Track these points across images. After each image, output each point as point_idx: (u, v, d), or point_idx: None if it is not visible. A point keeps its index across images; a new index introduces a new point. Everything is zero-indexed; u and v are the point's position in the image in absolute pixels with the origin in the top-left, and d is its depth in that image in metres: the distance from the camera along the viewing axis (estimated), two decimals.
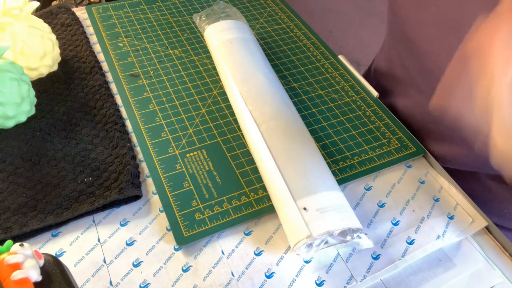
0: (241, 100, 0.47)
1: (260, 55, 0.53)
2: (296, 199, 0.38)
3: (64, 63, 0.54)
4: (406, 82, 0.52)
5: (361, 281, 0.38)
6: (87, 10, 0.64)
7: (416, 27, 0.46)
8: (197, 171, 0.44)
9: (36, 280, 0.26)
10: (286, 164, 0.41)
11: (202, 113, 0.50)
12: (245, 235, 0.41)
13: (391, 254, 0.40)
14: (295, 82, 0.56)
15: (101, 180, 0.42)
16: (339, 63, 0.59)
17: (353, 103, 0.53)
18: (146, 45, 0.59)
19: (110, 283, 0.36)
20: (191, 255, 0.39)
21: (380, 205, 0.44)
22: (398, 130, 0.51)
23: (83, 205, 0.40)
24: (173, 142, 0.47)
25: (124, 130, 0.47)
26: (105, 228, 0.40)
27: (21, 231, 0.37)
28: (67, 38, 0.58)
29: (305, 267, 0.39)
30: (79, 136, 0.46)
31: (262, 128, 0.44)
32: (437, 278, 0.39)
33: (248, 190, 0.43)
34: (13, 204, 0.40)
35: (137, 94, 0.52)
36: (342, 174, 0.45)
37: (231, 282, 0.37)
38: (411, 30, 0.46)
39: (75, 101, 0.50)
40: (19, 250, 0.26)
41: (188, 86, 0.53)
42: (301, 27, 0.65)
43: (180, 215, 0.40)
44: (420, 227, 0.42)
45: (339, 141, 0.49)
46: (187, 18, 0.64)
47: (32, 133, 0.46)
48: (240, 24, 0.56)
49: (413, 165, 0.48)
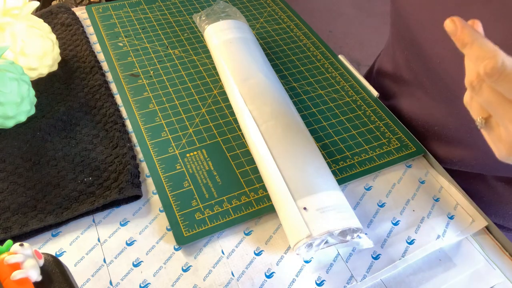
0: (241, 99, 0.47)
1: (260, 55, 0.53)
2: (296, 198, 0.38)
3: (64, 63, 0.54)
4: (412, 84, 0.52)
5: (361, 281, 0.38)
6: (87, 10, 0.64)
7: (421, 30, 0.45)
8: (197, 171, 0.44)
9: (36, 280, 0.26)
10: (286, 164, 0.41)
11: (202, 113, 0.50)
12: (245, 235, 0.41)
13: (391, 254, 0.40)
14: (295, 82, 0.56)
15: (101, 180, 0.42)
16: (339, 63, 0.59)
17: (353, 103, 0.53)
18: (146, 45, 0.59)
19: (110, 283, 0.36)
20: (191, 255, 0.39)
21: (380, 205, 0.44)
22: (398, 130, 0.51)
23: (83, 205, 0.40)
24: (173, 142, 0.47)
25: (124, 130, 0.47)
26: (105, 228, 0.40)
27: (21, 231, 0.37)
28: (67, 38, 0.58)
29: (305, 267, 0.39)
30: (79, 136, 0.46)
31: (262, 128, 0.44)
32: (437, 278, 0.39)
33: (248, 190, 0.43)
34: (13, 204, 0.40)
35: (137, 94, 0.52)
36: (342, 174, 0.45)
37: (231, 282, 0.37)
38: (416, 33, 0.46)
39: (75, 101, 0.50)
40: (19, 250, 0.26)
41: (188, 86, 0.53)
42: (301, 27, 0.65)
43: (180, 215, 0.40)
44: (420, 227, 0.42)
45: (339, 141, 0.49)
46: (187, 18, 0.64)
47: (32, 133, 0.46)
48: (240, 24, 0.56)
49: (413, 165, 0.48)
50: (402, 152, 0.48)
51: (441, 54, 0.43)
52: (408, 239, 0.41)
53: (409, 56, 0.50)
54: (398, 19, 0.50)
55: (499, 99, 0.26)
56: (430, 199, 0.45)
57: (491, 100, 0.26)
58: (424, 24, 0.45)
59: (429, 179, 0.47)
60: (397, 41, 0.53)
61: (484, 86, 0.26)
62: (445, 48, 0.43)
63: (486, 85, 0.26)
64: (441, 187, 0.46)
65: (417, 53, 0.47)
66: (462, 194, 0.45)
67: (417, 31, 0.46)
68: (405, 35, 0.49)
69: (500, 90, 0.25)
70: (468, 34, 0.25)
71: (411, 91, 0.52)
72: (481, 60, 0.24)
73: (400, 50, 0.53)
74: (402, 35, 0.50)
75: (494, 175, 0.50)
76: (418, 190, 0.46)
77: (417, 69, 0.49)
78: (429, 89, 0.49)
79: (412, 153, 0.48)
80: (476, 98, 0.27)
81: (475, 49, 0.25)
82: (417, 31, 0.46)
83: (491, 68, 0.24)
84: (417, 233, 0.42)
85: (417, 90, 0.51)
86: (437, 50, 0.44)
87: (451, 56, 0.42)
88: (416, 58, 0.48)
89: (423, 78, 0.49)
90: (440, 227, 0.42)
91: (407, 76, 0.53)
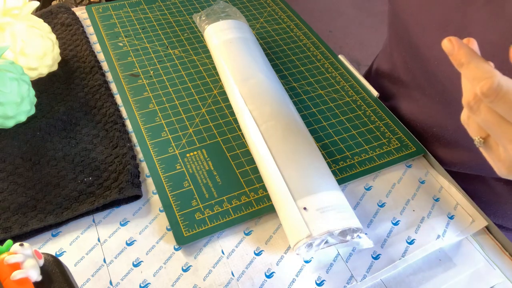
0: (241, 99, 0.47)
1: (260, 55, 0.53)
2: (296, 198, 0.38)
3: (64, 63, 0.54)
4: (410, 85, 0.52)
5: (361, 280, 0.38)
6: (87, 9, 0.64)
7: (418, 32, 0.45)
8: (197, 171, 0.44)
9: (36, 280, 0.26)
10: (286, 164, 0.41)
11: (202, 113, 0.50)
12: (245, 235, 0.41)
13: (391, 254, 0.40)
14: (295, 81, 0.56)
15: (101, 180, 0.42)
16: (339, 62, 0.59)
17: (353, 103, 0.53)
18: (146, 45, 0.59)
19: (110, 283, 0.36)
20: (191, 255, 0.39)
21: (380, 205, 0.44)
22: (398, 130, 0.51)
23: (83, 204, 0.40)
24: (173, 141, 0.47)
25: (124, 130, 0.47)
26: (105, 228, 0.40)
27: (21, 231, 0.37)
28: (67, 38, 0.58)
29: (305, 267, 0.39)
30: (79, 136, 0.46)
31: (262, 127, 0.44)
32: (437, 278, 0.39)
33: (248, 190, 0.43)
34: (13, 203, 0.40)
35: (137, 94, 0.52)
36: (342, 174, 0.45)
37: (231, 281, 0.37)
38: (413, 34, 0.46)
39: (75, 101, 0.50)
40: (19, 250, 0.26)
41: (188, 86, 0.53)
42: (301, 27, 0.65)
43: (180, 215, 0.40)
44: (420, 227, 0.42)
45: (339, 140, 0.49)
46: (187, 17, 0.64)
47: (32, 132, 0.46)
48: (240, 24, 0.56)
49: (413, 165, 0.48)
50: (402, 152, 0.48)
51: (438, 56, 0.43)
52: (408, 239, 0.41)
53: (407, 57, 0.50)
54: (396, 21, 0.50)
55: (497, 119, 0.26)
56: (430, 199, 0.45)
57: (489, 120, 0.26)
58: (422, 26, 0.45)
59: (429, 179, 0.47)
60: (395, 42, 0.53)
61: (482, 106, 0.26)
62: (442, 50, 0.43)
63: (484, 105, 0.26)
64: (441, 187, 0.46)
65: (415, 55, 0.47)
66: (462, 194, 0.45)
67: (414, 33, 0.46)
68: (403, 36, 0.49)
69: (497, 111, 0.25)
70: (465, 54, 0.26)
71: (409, 92, 0.52)
72: (477, 81, 0.24)
73: (398, 51, 0.53)
74: (400, 37, 0.50)
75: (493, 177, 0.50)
76: (418, 190, 0.46)
77: (415, 70, 0.49)
78: (427, 90, 0.49)
79: (412, 153, 0.48)
80: (474, 117, 0.27)
81: (472, 69, 0.25)
82: (414, 33, 0.46)
83: (487, 88, 0.24)
84: (417, 233, 0.42)
85: (415, 91, 0.51)
86: (434, 53, 0.44)
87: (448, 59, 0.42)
88: (414, 59, 0.48)
89: (421, 79, 0.49)
90: (440, 227, 0.42)
91: (405, 77, 0.53)
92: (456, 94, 0.43)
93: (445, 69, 0.43)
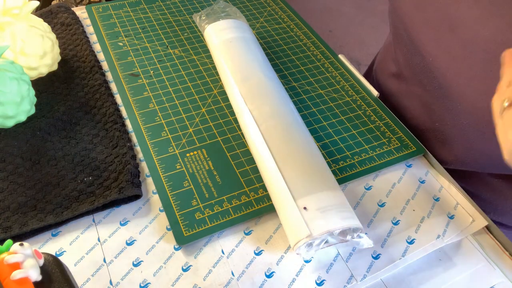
0: (241, 99, 0.47)
1: (260, 55, 0.53)
2: (296, 198, 0.38)
3: (64, 62, 0.54)
4: (412, 81, 0.52)
5: (361, 280, 0.38)
6: (87, 9, 0.64)
7: (415, 29, 0.46)
8: (197, 171, 0.44)
9: (36, 279, 0.26)
10: (286, 164, 0.41)
11: (202, 112, 0.50)
12: (245, 234, 0.40)
13: (391, 254, 0.40)
14: (295, 81, 0.56)
15: (101, 180, 0.42)
16: (339, 62, 0.59)
17: (353, 103, 0.53)
18: (146, 45, 0.59)
19: (110, 282, 0.36)
20: (191, 255, 0.39)
21: (380, 205, 0.44)
22: (398, 130, 0.51)
23: (83, 204, 0.40)
24: (173, 141, 0.47)
25: (124, 130, 0.47)
26: (105, 228, 0.40)
27: (21, 231, 0.37)
28: (67, 38, 0.58)
29: (305, 267, 0.39)
30: (79, 136, 0.46)
31: (262, 127, 0.44)
32: (437, 277, 0.39)
33: (248, 190, 0.43)
34: (13, 203, 0.40)
35: (137, 94, 0.52)
36: (342, 174, 0.45)
37: (231, 281, 0.37)
38: (411, 32, 0.47)
39: (75, 101, 0.50)
40: (19, 249, 0.26)
41: (188, 86, 0.53)
42: (301, 27, 0.65)
43: (180, 214, 0.40)
44: (420, 226, 0.42)
45: (339, 140, 0.49)
46: (187, 17, 0.64)
47: (32, 132, 0.46)
48: (240, 24, 0.56)
49: (413, 165, 0.48)
50: (402, 151, 0.48)
51: (433, 52, 0.44)
52: (408, 238, 0.41)
53: (408, 54, 0.50)
54: (396, 19, 0.50)
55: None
56: (430, 199, 0.45)
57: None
58: (418, 24, 0.45)
59: (429, 179, 0.47)
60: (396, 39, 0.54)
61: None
62: (437, 47, 0.43)
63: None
64: (441, 187, 0.46)
65: (414, 51, 0.48)
66: (462, 194, 0.45)
67: (411, 30, 0.47)
68: (403, 33, 0.49)
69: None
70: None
71: (412, 88, 0.53)
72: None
73: (400, 48, 0.53)
74: (400, 33, 0.51)
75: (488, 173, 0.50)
76: (418, 189, 0.46)
77: (415, 66, 0.50)
78: (428, 85, 0.49)
79: (412, 152, 0.48)
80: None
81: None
82: (411, 30, 0.47)
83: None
84: (417, 232, 0.42)
85: (417, 87, 0.51)
86: (429, 49, 0.44)
87: (443, 55, 0.43)
88: (414, 55, 0.49)
89: (421, 75, 0.49)
90: (440, 226, 0.42)
91: (407, 73, 0.53)
92: (449, 90, 0.44)
93: (439, 65, 0.44)
